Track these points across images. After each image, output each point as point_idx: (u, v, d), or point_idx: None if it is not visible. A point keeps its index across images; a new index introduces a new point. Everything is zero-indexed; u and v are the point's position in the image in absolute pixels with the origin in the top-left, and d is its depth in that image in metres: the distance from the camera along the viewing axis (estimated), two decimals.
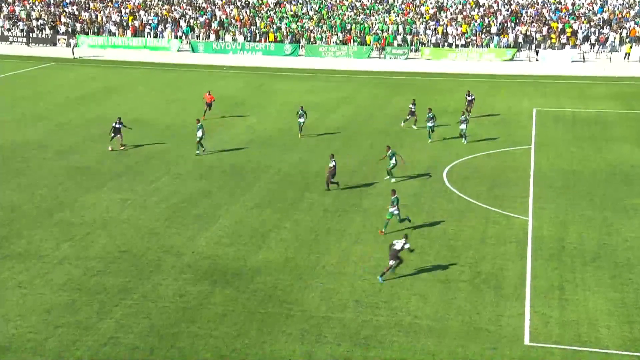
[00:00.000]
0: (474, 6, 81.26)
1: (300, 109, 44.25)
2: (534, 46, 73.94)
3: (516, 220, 31.01)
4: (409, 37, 75.68)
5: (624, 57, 70.91)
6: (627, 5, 78.88)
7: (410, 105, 46.82)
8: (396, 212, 29.60)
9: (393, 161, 35.58)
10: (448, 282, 25.43)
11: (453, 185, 35.73)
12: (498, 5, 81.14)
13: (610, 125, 47.34)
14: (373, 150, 41.32)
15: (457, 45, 74.99)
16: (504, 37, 74.55)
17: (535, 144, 42.97)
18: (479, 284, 25.33)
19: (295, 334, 22.01)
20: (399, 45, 75.43)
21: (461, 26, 76.57)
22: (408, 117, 46.93)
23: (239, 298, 24.20)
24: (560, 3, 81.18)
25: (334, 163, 34.49)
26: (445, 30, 76.40)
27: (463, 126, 43.13)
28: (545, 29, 75.08)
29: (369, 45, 75.17)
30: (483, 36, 74.98)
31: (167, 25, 79.71)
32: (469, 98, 49.21)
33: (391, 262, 25.23)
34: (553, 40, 73.73)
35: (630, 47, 70.98)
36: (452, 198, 33.99)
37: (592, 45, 73.34)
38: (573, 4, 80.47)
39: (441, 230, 30.08)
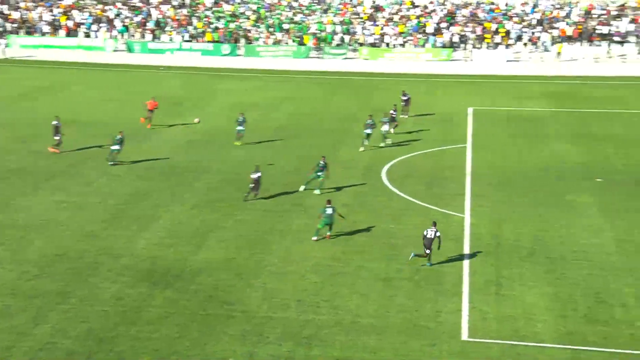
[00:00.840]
0: (410, 6, 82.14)
1: (241, 116, 42.79)
2: (469, 46, 75.14)
3: (454, 218, 31.47)
4: (346, 37, 76.08)
5: (556, 56, 72.63)
6: (557, 6, 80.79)
7: (391, 111, 45.24)
8: (327, 216, 28.79)
9: (322, 174, 34.07)
10: (389, 280, 25.66)
11: (392, 184, 36.06)
12: (434, 6, 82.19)
13: (544, 123, 48.44)
14: (314, 149, 41.44)
15: (394, 45, 75.72)
16: (439, 37, 75.57)
17: (472, 143, 43.69)
18: (419, 281, 25.63)
19: (237, 334, 21.91)
20: (337, 45, 75.77)
21: (398, 26, 77.33)
22: (396, 123, 45.53)
23: (179, 299, 23.96)
24: (493, 3, 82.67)
25: (258, 174, 32.96)
26: (382, 30, 77.07)
27: (385, 127, 42.25)
28: (479, 29, 76.37)
29: (307, 45, 75.30)
30: (419, 36, 75.88)
31: (102, 24, 78.37)
32: (404, 98, 49.75)
33: (427, 251, 26.42)
34: (487, 41, 75.06)
35: (562, 46, 72.74)
36: (392, 197, 34.30)
37: (525, 44, 74.89)
38: (506, 5, 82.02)
39: (382, 229, 30.32)
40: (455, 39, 75.78)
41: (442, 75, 67.47)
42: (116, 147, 37.91)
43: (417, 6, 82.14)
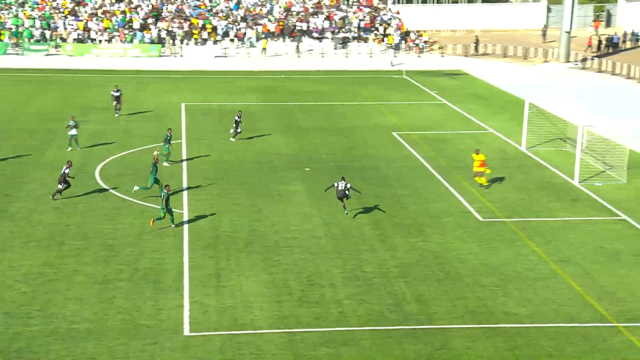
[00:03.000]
0: (114, 2, 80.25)
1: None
2: (177, 42, 75.26)
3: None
4: (47, 33, 72.38)
5: (261, 52, 75.25)
6: (259, 3, 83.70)
7: (236, 117, 43.39)
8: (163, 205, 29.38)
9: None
10: (107, 282, 24.95)
11: (107, 183, 35.09)
12: (138, 1, 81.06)
13: (254, 117, 49.97)
14: (17, 151, 39.01)
15: (100, 41, 73.55)
16: (147, 32, 74.77)
17: (186, 138, 43.86)
18: (138, 280, 25.23)
19: None
20: (37, 41, 71.80)
21: (102, 21, 75.20)
22: (239, 130, 43.29)
23: None
24: (199, 0, 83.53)
25: None
26: (86, 26, 74.48)
27: (73, 132, 39.86)
28: (186, 24, 76.78)
29: (4, 41, 70.49)
30: (126, 32, 74.48)
31: None
32: (116, 94, 48.63)
33: (342, 202, 31.15)
34: (195, 36, 75.70)
35: (267, 42, 75.52)
36: (107, 196, 33.38)
37: (232, 40, 76.70)
38: (211, 1, 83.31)
39: (97, 231, 29.39)
40: (163, 34, 75.49)
41: (152, 71, 66.86)
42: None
43: (122, 1, 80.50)
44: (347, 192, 31.10)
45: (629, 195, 34.42)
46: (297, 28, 78.41)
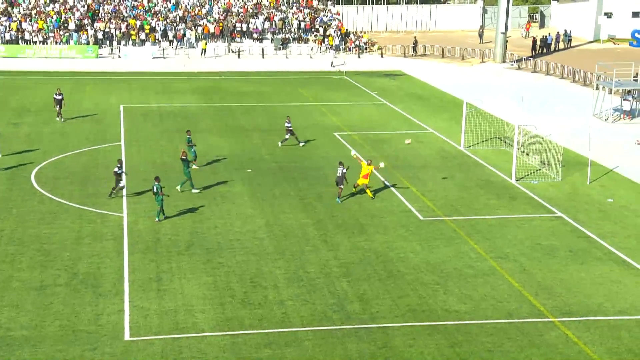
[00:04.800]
0: (48, 2, 78.67)
1: None
2: (114, 43, 74.19)
3: (111, 217, 30.92)
4: None
5: (201, 53, 74.70)
6: (198, 4, 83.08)
7: (286, 124, 42.36)
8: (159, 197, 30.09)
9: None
10: (44, 288, 24.43)
11: (43, 187, 34.37)
12: (74, 2, 79.63)
13: (194, 117, 49.57)
14: None
15: (34, 42, 72.02)
16: (83, 33, 73.52)
17: (125, 140, 43.26)
18: (76, 285, 24.77)
19: None
20: None
21: (37, 22, 73.64)
22: (287, 137, 42.27)
23: None
24: (136, 0, 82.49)
25: None
26: (20, 27, 72.84)
27: None
28: (124, 25, 75.73)
29: None
30: (61, 33, 73.10)
31: None
32: (58, 97, 47.71)
33: (340, 186, 32.90)
34: (133, 37, 74.72)
35: (206, 43, 75.00)
36: (43, 200, 32.71)
37: (171, 41, 75.96)
38: (149, 2, 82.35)
39: (33, 235, 28.77)
40: (100, 35, 74.32)
41: (89, 72, 65.81)
42: None
43: (57, 2, 78.97)
44: (345, 177, 32.94)
45: (564, 193, 35.23)
46: (237, 29, 78.08)
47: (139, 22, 76.37)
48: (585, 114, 51.28)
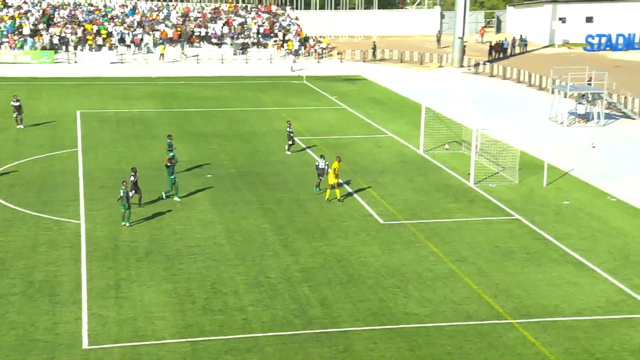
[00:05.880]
0: (2, 7, 77.48)
1: None
2: (71, 48, 73.33)
3: (68, 225, 30.52)
4: None
5: (159, 58, 74.18)
6: (156, 9, 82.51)
7: (287, 129, 42.22)
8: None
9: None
10: None
11: None
12: (28, 6, 78.51)
13: (152, 123, 49.17)
14: None
15: None
16: (38, 38, 72.54)
17: (82, 146, 42.76)
18: (32, 294, 24.38)
19: None
20: None
21: None
22: (291, 142, 42.19)
23: None
24: (92, 5, 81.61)
25: None
26: None
27: None
28: (80, 30, 74.88)
29: None
30: (16, 38, 72.04)
31: None
32: (16, 104, 46.96)
33: (321, 177, 34.61)
34: (90, 42, 73.92)
35: (164, 48, 74.51)
36: None
37: (128, 46, 75.29)
38: (105, 6, 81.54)
39: None
40: (56, 40, 73.40)
41: (45, 78, 64.93)
42: None
43: (10, 6, 77.80)
44: (328, 169, 34.46)
45: (521, 196, 35.68)
46: (196, 34, 77.70)
47: (95, 27, 75.58)
48: (541, 118, 52.07)
